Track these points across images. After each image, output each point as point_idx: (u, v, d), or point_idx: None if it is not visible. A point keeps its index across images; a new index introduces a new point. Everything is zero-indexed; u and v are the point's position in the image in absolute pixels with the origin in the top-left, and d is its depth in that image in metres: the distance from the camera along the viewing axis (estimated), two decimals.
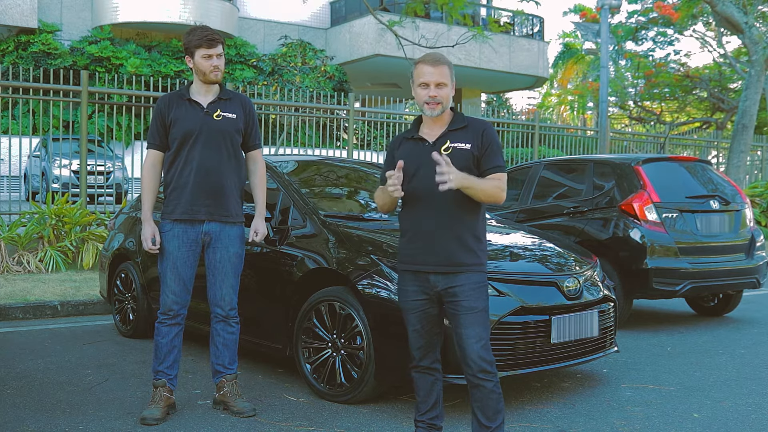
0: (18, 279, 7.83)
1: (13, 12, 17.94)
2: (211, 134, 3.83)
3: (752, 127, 15.20)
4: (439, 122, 3.16)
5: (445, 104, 3.11)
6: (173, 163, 3.86)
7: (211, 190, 3.84)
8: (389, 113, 13.12)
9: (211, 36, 3.81)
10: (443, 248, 3.05)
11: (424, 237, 3.09)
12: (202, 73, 3.84)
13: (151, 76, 11.22)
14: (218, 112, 3.86)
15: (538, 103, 40.82)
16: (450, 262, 3.05)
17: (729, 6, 14.48)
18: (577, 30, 22.70)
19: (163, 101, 3.89)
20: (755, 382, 4.73)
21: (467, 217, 3.08)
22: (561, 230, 6.64)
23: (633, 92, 30.71)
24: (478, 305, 3.05)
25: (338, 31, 22.91)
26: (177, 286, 3.85)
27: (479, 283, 3.08)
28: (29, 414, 3.82)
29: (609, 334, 4.50)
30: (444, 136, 3.12)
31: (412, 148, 3.17)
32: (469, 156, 3.07)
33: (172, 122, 3.83)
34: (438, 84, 3.07)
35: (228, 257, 3.90)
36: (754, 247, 6.74)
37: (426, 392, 3.25)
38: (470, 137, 3.10)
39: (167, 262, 3.86)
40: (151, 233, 3.85)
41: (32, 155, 11.00)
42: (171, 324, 3.88)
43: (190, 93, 3.90)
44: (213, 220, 3.86)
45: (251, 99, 12.29)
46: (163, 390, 3.84)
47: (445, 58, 3.14)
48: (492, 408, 3.07)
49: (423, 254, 3.09)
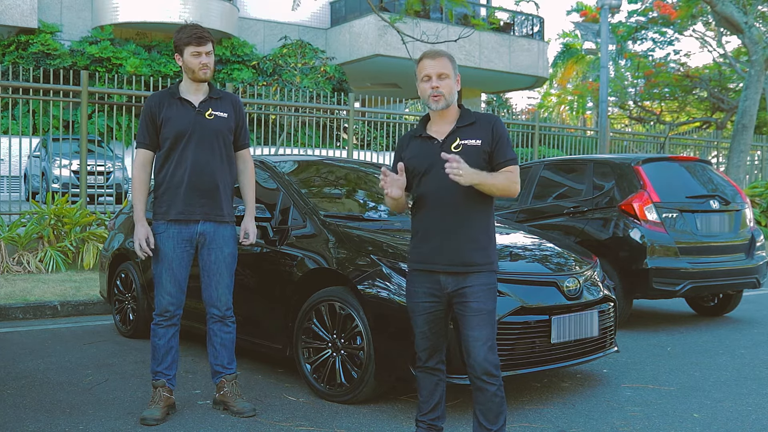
0: (18, 279, 7.83)
1: (13, 12, 17.94)
2: (204, 134, 3.81)
3: (752, 127, 15.20)
4: (446, 118, 3.11)
5: (449, 97, 3.06)
6: (165, 163, 3.83)
7: (206, 190, 3.82)
8: (389, 113, 13.11)
9: (200, 34, 3.79)
10: (455, 248, 3.02)
11: (435, 236, 3.05)
12: (191, 71, 3.82)
13: (151, 76, 11.22)
14: (210, 111, 3.84)
15: (538, 103, 40.81)
16: (462, 262, 3.02)
17: (729, 6, 14.48)
18: (577, 30, 22.68)
19: (153, 100, 3.86)
20: (755, 382, 4.73)
21: (479, 215, 3.04)
22: (561, 230, 6.64)
23: (633, 92, 30.72)
24: (487, 307, 3.02)
25: (338, 31, 22.90)
26: (173, 287, 3.84)
27: (489, 285, 3.05)
28: (29, 414, 3.82)
29: (609, 334, 4.50)
30: (453, 133, 3.07)
31: (422, 146, 3.12)
32: (481, 152, 3.03)
33: (164, 121, 3.80)
34: (440, 75, 3.03)
35: (222, 257, 3.89)
36: (754, 247, 6.73)
37: (429, 392, 3.23)
38: (480, 133, 3.05)
39: (162, 263, 3.84)
40: (144, 234, 3.81)
41: (32, 155, 11.00)
42: (167, 325, 3.87)
43: (180, 92, 3.88)
44: (208, 220, 3.84)
45: (251, 99, 12.30)
46: (162, 390, 3.84)
47: (447, 52, 3.10)
48: (494, 411, 3.04)
49: (434, 254, 3.05)
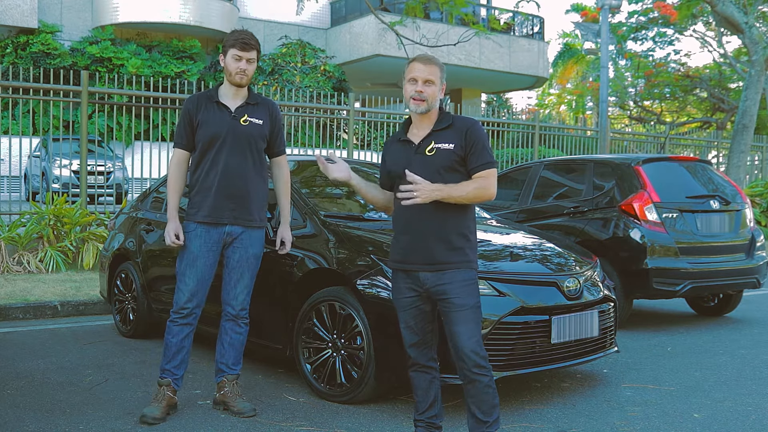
0: (18, 279, 7.83)
1: (13, 12, 17.93)
2: (237, 139, 3.84)
3: (752, 127, 15.20)
4: (426, 122, 3.19)
5: (431, 102, 3.13)
6: (199, 166, 3.88)
7: (236, 194, 3.85)
8: (389, 113, 13.11)
9: (247, 40, 3.83)
10: (429, 247, 3.10)
11: (411, 236, 3.14)
12: (228, 73, 3.86)
13: (152, 77, 11.22)
14: (245, 117, 3.87)
15: (537, 103, 40.79)
16: (435, 260, 3.10)
17: (729, 6, 14.48)
18: (577, 30, 22.68)
19: (191, 102, 3.90)
20: (755, 382, 4.73)
21: (453, 216, 3.11)
22: (561, 230, 6.64)
23: (633, 92, 30.72)
24: (469, 302, 3.09)
25: (338, 32, 22.90)
26: (195, 285, 3.85)
27: (468, 280, 3.11)
28: (29, 414, 3.82)
29: (609, 334, 4.50)
30: (429, 136, 3.16)
31: (400, 150, 3.22)
32: (453, 156, 3.10)
33: (200, 124, 3.85)
34: (426, 81, 3.11)
35: (246, 258, 3.93)
36: (754, 247, 6.73)
37: (423, 391, 3.28)
38: (454, 137, 3.12)
39: (186, 260, 3.87)
40: (174, 230, 3.86)
41: (32, 155, 11.01)
42: (183, 323, 3.87)
43: (219, 95, 3.91)
44: (236, 223, 3.88)
45: None
46: (166, 389, 3.84)
47: (438, 60, 3.20)
48: (488, 403, 3.10)
49: (411, 253, 3.14)
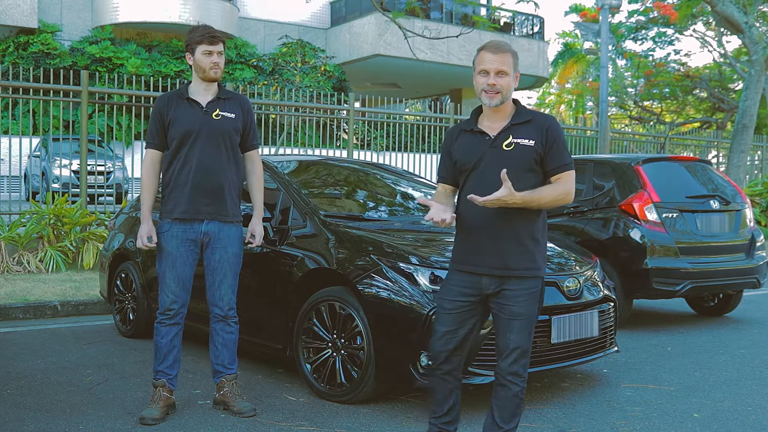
0: (18, 279, 7.83)
1: (13, 12, 17.94)
2: (211, 134, 3.83)
3: (752, 127, 15.20)
4: (500, 114, 2.97)
5: (505, 94, 2.92)
6: (172, 163, 3.86)
7: (211, 189, 3.83)
8: (389, 113, 13.12)
9: (213, 33, 3.84)
10: (498, 250, 2.91)
11: (480, 238, 2.95)
12: (201, 69, 3.84)
13: (152, 76, 11.23)
14: (217, 112, 3.86)
15: (537, 103, 40.76)
16: (505, 265, 2.91)
17: (729, 6, 14.47)
18: (577, 30, 22.67)
19: (162, 100, 3.90)
20: (755, 382, 4.73)
21: (527, 217, 2.92)
22: (561, 230, 6.64)
23: (633, 92, 30.72)
24: (525, 312, 2.93)
25: (338, 31, 22.90)
26: (176, 285, 3.85)
27: (532, 289, 2.94)
28: (29, 414, 3.82)
29: (609, 334, 4.50)
30: (507, 130, 2.94)
31: (472, 141, 2.99)
32: (532, 153, 2.90)
33: (171, 121, 3.84)
34: (498, 72, 2.89)
35: (227, 257, 3.90)
36: (754, 247, 6.73)
37: (443, 397, 3.10)
38: (534, 133, 2.91)
39: (166, 261, 3.86)
40: (147, 232, 3.85)
41: (32, 155, 11.01)
42: (170, 324, 3.88)
43: (189, 92, 3.91)
44: (213, 219, 3.86)
45: (251, 99, 12.28)
46: (162, 390, 3.84)
47: (510, 46, 2.96)
48: (510, 411, 2.98)
49: (478, 256, 2.95)
